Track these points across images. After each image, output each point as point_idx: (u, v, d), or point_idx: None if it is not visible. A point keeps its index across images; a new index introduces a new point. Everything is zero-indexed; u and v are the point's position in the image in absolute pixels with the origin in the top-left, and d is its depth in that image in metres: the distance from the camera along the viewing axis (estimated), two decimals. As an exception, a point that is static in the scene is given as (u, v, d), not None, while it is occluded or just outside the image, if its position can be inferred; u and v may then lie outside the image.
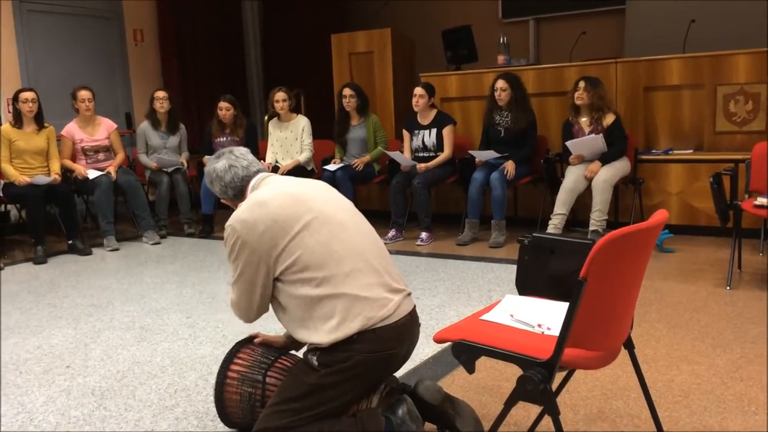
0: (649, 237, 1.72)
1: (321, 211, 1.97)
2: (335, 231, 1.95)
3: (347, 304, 1.88)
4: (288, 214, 1.93)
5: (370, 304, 1.89)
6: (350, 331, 1.86)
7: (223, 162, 2.13)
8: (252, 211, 1.95)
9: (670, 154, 5.15)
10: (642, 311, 3.34)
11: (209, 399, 2.48)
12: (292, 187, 2.06)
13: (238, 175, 2.11)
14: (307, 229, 1.92)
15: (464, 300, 3.70)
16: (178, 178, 5.89)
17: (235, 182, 2.11)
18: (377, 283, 1.93)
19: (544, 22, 7.50)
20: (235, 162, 2.12)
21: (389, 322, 1.90)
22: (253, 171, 2.12)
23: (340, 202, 2.09)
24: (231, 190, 2.12)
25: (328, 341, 1.87)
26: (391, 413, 1.92)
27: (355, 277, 1.91)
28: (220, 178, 2.12)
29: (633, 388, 2.45)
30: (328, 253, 1.91)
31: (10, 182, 5.17)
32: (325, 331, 1.88)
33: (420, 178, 5.20)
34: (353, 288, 1.89)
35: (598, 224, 4.73)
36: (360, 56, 6.57)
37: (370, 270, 1.94)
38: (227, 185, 2.12)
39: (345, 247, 1.93)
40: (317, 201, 2.01)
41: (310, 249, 1.90)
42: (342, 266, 1.90)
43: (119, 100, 7.45)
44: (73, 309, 3.82)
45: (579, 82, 4.88)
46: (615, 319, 1.74)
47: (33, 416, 2.47)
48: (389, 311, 1.90)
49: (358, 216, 2.10)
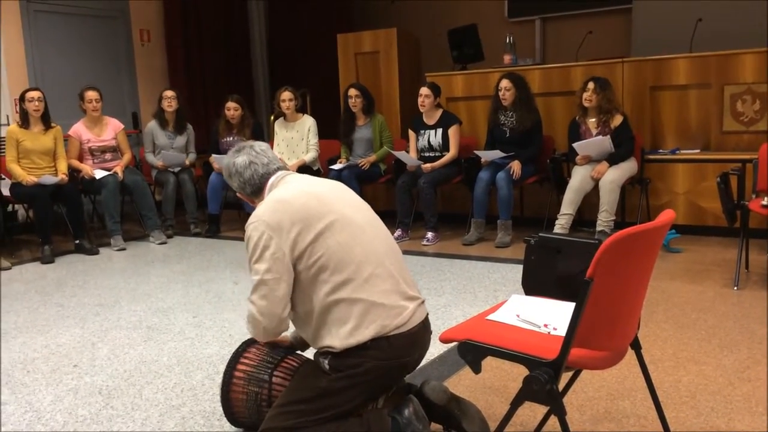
0: (656, 237, 1.71)
1: (342, 212, 1.96)
2: (356, 234, 1.94)
3: (363, 310, 1.87)
4: (311, 213, 1.92)
5: (387, 311, 1.88)
6: (364, 337, 1.85)
7: (243, 158, 2.09)
8: (275, 209, 1.94)
9: (677, 153, 5.13)
10: (649, 311, 3.33)
11: (216, 398, 2.48)
12: (313, 186, 2.04)
13: (258, 173, 2.08)
14: (330, 230, 1.91)
15: (470, 300, 3.70)
16: (184, 178, 5.91)
17: (254, 180, 2.08)
18: (394, 289, 1.93)
19: (550, 21, 7.48)
20: (256, 159, 2.08)
21: (403, 331, 1.90)
22: (273, 169, 2.10)
23: (359, 205, 2.08)
24: (249, 187, 2.10)
25: (341, 346, 1.87)
26: (397, 413, 1.92)
27: (374, 282, 1.90)
28: (240, 173, 2.09)
29: (640, 388, 2.44)
30: (349, 257, 1.90)
31: (18, 182, 5.19)
32: (340, 335, 1.87)
33: (426, 177, 5.20)
34: (371, 294, 1.88)
35: (606, 225, 4.72)
36: (366, 56, 6.57)
37: (387, 276, 1.93)
38: (246, 182, 2.09)
39: (364, 251, 1.92)
40: (338, 202, 1.99)
41: (331, 250, 1.89)
42: (361, 271, 1.89)
43: (126, 100, 7.47)
44: (80, 308, 3.84)
45: (588, 83, 4.85)
46: (621, 319, 1.73)
47: (41, 415, 2.48)
48: (404, 319, 1.90)
49: (375, 219, 2.08)
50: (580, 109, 4.97)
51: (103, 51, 7.27)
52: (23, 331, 3.46)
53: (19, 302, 4.01)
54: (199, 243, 5.61)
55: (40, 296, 4.13)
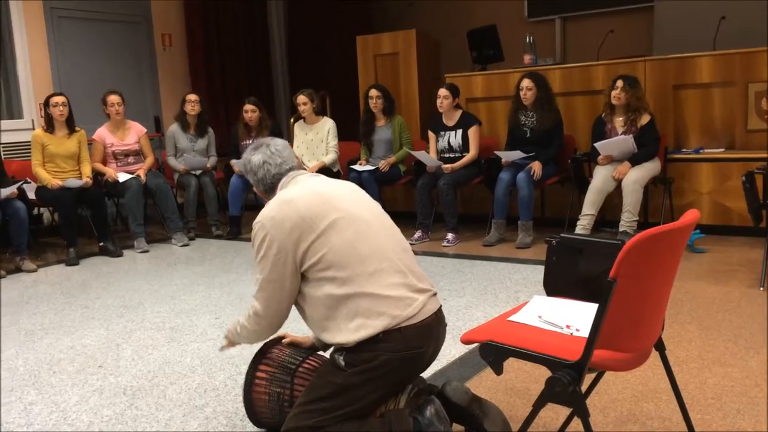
0: (681, 237, 1.70)
1: (347, 210, 1.99)
2: (361, 230, 1.96)
3: (370, 303, 1.89)
4: (315, 212, 1.95)
5: (395, 302, 1.90)
6: (374, 330, 1.86)
7: (258, 157, 2.13)
8: (279, 208, 1.97)
9: (701, 153, 5.07)
10: (673, 312, 3.29)
11: (238, 399, 2.50)
12: (320, 186, 2.07)
13: (270, 173, 2.12)
14: (333, 227, 1.93)
15: (491, 301, 3.68)
16: (206, 181, 5.95)
17: (267, 180, 2.13)
18: (401, 283, 1.94)
19: (570, 20, 7.44)
20: (270, 159, 2.12)
21: (414, 322, 1.90)
22: (286, 169, 2.13)
23: (367, 203, 2.10)
24: (262, 186, 2.15)
25: (352, 340, 1.88)
26: (418, 414, 1.92)
27: (379, 276, 1.91)
28: (254, 172, 2.14)
29: (664, 390, 2.42)
30: (353, 253, 1.92)
31: (43, 186, 5.27)
32: (349, 330, 1.89)
33: (446, 178, 5.19)
34: (376, 287, 1.90)
35: (628, 225, 4.67)
36: (385, 57, 6.58)
37: (394, 270, 1.95)
38: (259, 180, 2.14)
39: (370, 246, 1.94)
40: (344, 200, 2.02)
41: (335, 248, 1.92)
42: (366, 266, 1.91)
43: (148, 104, 7.55)
44: (105, 310, 3.89)
45: (617, 81, 4.79)
46: (645, 320, 1.71)
47: (67, 415, 2.52)
48: (414, 310, 1.91)
49: (384, 216, 2.11)
50: (607, 108, 4.92)
51: (125, 55, 7.36)
52: (49, 332, 3.51)
53: (45, 304, 4.07)
54: (220, 245, 5.65)
55: (66, 298, 4.19)
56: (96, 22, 7.05)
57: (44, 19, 6.56)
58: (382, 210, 2.14)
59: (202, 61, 7.91)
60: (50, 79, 6.60)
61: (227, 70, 8.17)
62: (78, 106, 5.64)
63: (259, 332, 2.10)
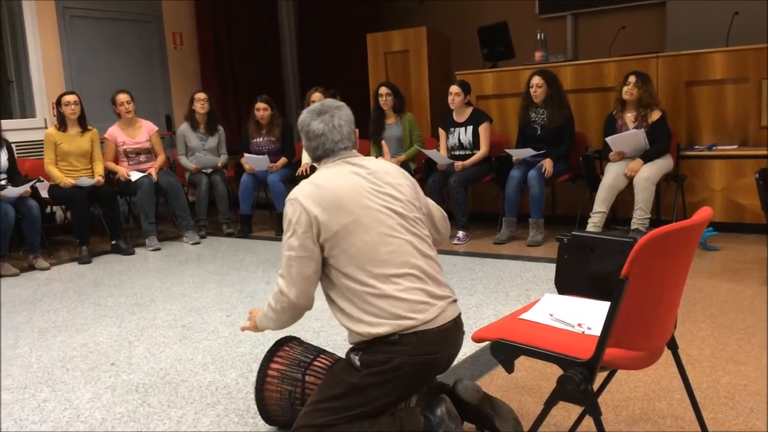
0: (693, 235, 1.68)
1: (377, 210, 1.96)
2: (385, 233, 1.94)
3: (387, 304, 1.88)
4: (346, 202, 1.94)
5: (412, 306, 1.89)
6: (391, 328, 1.86)
7: (320, 126, 2.06)
8: (312, 189, 1.97)
9: (714, 150, 5.03)
10: (686, 311, 3.27)
11: (250, 396, 2.51)
12: (359, 179, 2.01)
13: (324, 146, 2.06)
14: (359, 224, 1.93)
15: (502, 299, 3.67)
16: (216, 179, 5.97)
17: (318, 151, 2.08)
18: (419, 288, 1.93)
19: (582, 17, 7.40)
20: (329, 133, 2.05)
21: (432, 327, 1.90)
22: (340, 148, 2.07)
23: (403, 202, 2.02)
24: (311, 152, 2.11)
25: (369, 333, 1.88)
26: (429, 412, 1.92)
27: (396, 281, 1.91)
28: (309, 138, 2.08)
29: (677, 389, 2.40)
30: (373, 255, 1.91)
31: (56, 184, 5.31)
32: (367, 323, 1.89)
33: (456, 176, 5.18)
34: (394, 290, 1.89)
35: (640, 223, 4.65)
36: (395, 55, 6.57)
37: (413, 276, 1.93)
38: (311, 148, 2.10)
39: (391, 250, 1.93)
40: (378, 200, 1.97)
41: (355, 247, 1.91)
42: (384, 269, 1.91)
43: (160, 103, 7.58)
44: (117, 307, 3.91)
45: (629, 77, 4.77)
46: (658, 318, 1.70)
47: (80, 412, 2.54)
48: (431, 315, 1.90)
49: (415, 220, 2.02)
50: (618, 104, 4.90)
51: (137, 54, 7.39)
52: (62, 330, 3.54)
53: (58, 302, 4.10)
54: (231, 243, 5.67)
55: (78, 296, 4.22)
56: (108, 21, 7.09)
57: (56, 19, 6.60)
58: (415, 206, 2.06)
59: (213, 60, 7.93)
60: (62, 78, 6.64)
61: (238, 69, 8.18)
62: (90, 104, 5.67)
63: (282, 313, 2.03)
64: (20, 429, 2.43)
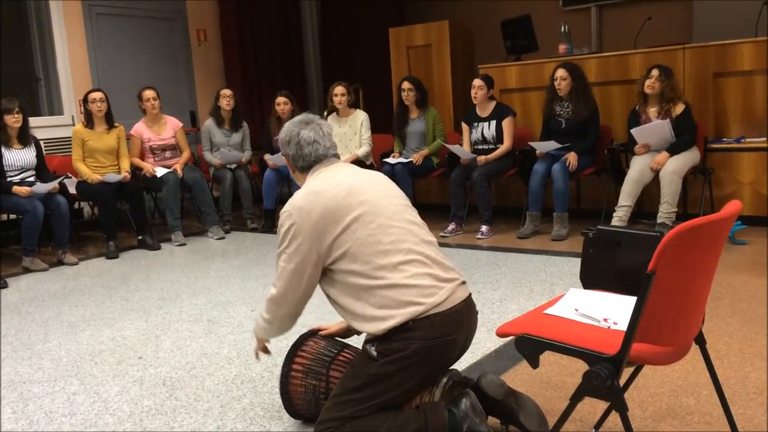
0: (721, 229, 1.66)
1: (374, 203, 2.00)
2: (384, 224, 1.97)
3: (396, 293, 1.90)
4: (341, 206, 1.97)
5: (420, 291, 1.91)
6: (402, 318, 1.88)
7: (311, 134, 2.12)
8: (307, 199, 2.00)
9: (742, 142, 4.95)
10: (714, 305, 3.23)
11: (275, 390, 2.53)
12: (350, 178, 2.08)
13: (316, 152, 2.11)
14: (358, 221, 1.95)
15: (526, 294, 3.66)
16: (241, 175, 6.02)
17: (309, 159, 2.12)
18: (425, 273, 1.95)
19: (606, 9, 7.30)
20: (321, 140, 2.12)
21: (443, 309, 1.91)
22: (332, 154, 2.14)
23: (392, 195, 2.10)
24: (301, 161, 2.13)
25: (381, 329, 1.89)
26: (454, 406, 1.92)
27: (403, 268, 1.93)
28: (300, 146, 2.12)
29: (704, 384, 2.37)
30: (377, 246, 1.94)
31: (84, 180, 5.39)
32: (378, 319, 1.90)
33: (480, 170, 5.16)
34: (401, 278, 1.91)
35: (667, 217, 4.59)
36: (418, 49, 6.55)
37: (418, 262, 1.96)
38: (301, 156, 2.12)
39: (393, 240, 1.96)
40: (371, 193, 2.03)
41: (359, 242, 1.94)
42: (390, 258, 1.93)
43: (184, 99, 7.65)
44: (144, 302, 3.96)
45: (652, 70, 4.71)
46: (685, 313, 1.68)
47: (108, 405, 2.58)
48: (441, 298, 1.91)
49: (408, 210, 2.10)
50: (640, 97, 4.83)
51: (162, 51, 7.46)
52: (90, 324, 3.59)
53: (86, 296, 4.17)
54: (255, 238, 5.71)
55: (106, 290, 4.28)
56: (133, 19, 7.16)
57: (83, 17, 6.69)
58: (408, 203, 2.14)
59: (237, 56, 7.98)
60: (89, 75, 6.72)
61: (261, 65, 8.22)
62: (116, 101, 5.74)
63: (273, 322, 2.12)
64: (51, 421, 2.48)
